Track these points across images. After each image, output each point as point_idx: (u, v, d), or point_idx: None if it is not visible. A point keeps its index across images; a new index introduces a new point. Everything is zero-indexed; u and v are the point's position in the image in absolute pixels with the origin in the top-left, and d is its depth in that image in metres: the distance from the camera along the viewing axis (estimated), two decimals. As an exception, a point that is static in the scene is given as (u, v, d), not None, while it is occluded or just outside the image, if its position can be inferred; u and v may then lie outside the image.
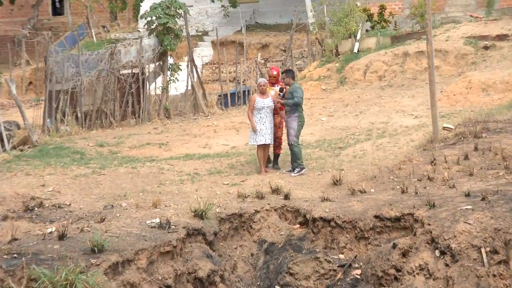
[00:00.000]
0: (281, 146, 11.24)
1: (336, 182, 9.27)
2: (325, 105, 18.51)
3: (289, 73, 11.01)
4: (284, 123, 10.90)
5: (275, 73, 11.07)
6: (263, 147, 10.69)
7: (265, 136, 10.55)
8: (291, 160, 10.75)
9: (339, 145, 12.70)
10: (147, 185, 9.74)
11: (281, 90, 10.82)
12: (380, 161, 10.52)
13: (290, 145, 10.60)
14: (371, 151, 11.62)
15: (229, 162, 11.79)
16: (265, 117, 10.58)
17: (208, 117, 19.00)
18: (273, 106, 10.67)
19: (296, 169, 10.50)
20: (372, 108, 16.74)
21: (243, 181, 9.98)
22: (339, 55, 23.35)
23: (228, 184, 9.78)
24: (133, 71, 18.33)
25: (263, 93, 10.64)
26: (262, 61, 26.89)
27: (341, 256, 7.71)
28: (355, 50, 22.62)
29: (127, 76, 18.01)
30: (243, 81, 22.02)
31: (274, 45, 28.29)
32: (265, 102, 10.61)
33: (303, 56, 26.55)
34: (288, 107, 10.55)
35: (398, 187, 8.50)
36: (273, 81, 11.00)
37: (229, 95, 21.00)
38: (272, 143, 10.86)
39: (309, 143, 13.47)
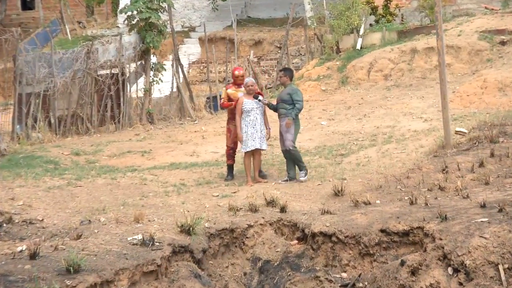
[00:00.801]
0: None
1: (337, 193, 9.29)
2: (325, 108, 18.56)
3: (287, 72, 11.05)
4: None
5: (238, 73, 11.15)
6: (251, 154, 10.72)
7: (256, 141, 10.60)
8: (287, 168, 10.77)
9: (340, 151, 12.73)
10: (128, 197, 9.72)
11: (255, 97, 10.79)
12: (386, 169, 10.55)
13: (287, 151, 10.61)
14: (376, 158, 11.65)
15: (219, 171, 11.80)
16: (254, 119, 10.64)
17: (196, 122, 19.00)
18: (264, 108, 10.76)
19: (302, 172, 10.58)
20: (377, 111, 16.79)
21: (234, 192, 9.99)
22: (340, 52, 23.44)
23: (218, 196, 9.78)
24: (112, 71, 18.32)
25: (250, 93, 10.71)
26: (255, 60, 26.95)
27: (344, 274, 7.71)
28: (358, 47, 22.71)
29: (105, 77, 18.01)
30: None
31: (268, 42, 28.38)
32: (254, 104, 10.66)
33: (301, 54, 26.63)
34: (284, 109, 10.58)
35: (406, 198, 8.52)
36: (239, 82, 11.06)
37: (218, 97, 21.07)
38: (265, 148, 10.94)
39: (307, 149, 13.49)
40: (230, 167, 11.25)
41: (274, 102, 11.17)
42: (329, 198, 9.31)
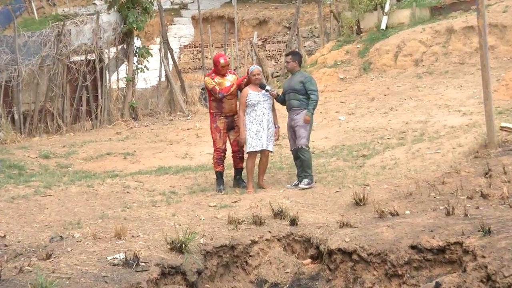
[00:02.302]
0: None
1: (359, 202, 9.28)
2: (343, 100, 18.56)
3: (295, 56, 11.06)
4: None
5: (223, 61, 10.95)
6: (256, 155, 10.72)
7: (262, 140, 10.59)
8: (297, 173, 10.79)
9: (362, 152, 12.73)
10: (108, 208, 9.74)
11: (262, 87, 10.75)
12: (417, 173, 10.54)
13: (299, 149, 10.62)
14: (405, 160, 11.65)
15: (214, 177, 11.81)
16: (261, 114, 10.63)
17: (189, 118, 19.03)
18: (272, 101, 10.75)
19: (306, 180, 10.55)
20: (406, 103, 16.79)
21: (235, 201, 9.99)
22: (361, 33, 23.46)
23: (215, 206, 9.79)
24: (88, 57, 18.37)
25: (256, 84, 10.70)
26: (260, 43, 26.98)
27: (367, 300, 7.71)
28: (383, 27, 22.73)
29: (79, 65, 18.06)
30: (234, 69, 22.10)
31: (275, 21, 28.42)
32: (260, 96, 10.65)
33: (314, 35, 26.66)
34: (297, 101, 10.60)
35: (441, 207, 8.51)
36: (224, 72, 10.99)
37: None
38: (271, 150, 10.91)
39: (322, 150, 13.49)
40: (220, 175, 11.16)
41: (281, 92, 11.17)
42: (348, 208, 9.30)
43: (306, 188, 10.46)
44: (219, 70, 10.98)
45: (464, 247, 7.27)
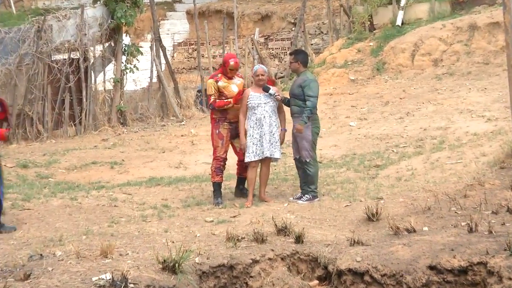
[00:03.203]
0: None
1: (371, 217, 9.28)
2: (354, 104, 18.58)
3: (299, 55, 11.01)
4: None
5: (233, 63, 10.91)
6: (257, 164, 10.71)
7: (264, 147, 10.57)
8: (301, 184, 10.79)
9: (375, 162, 12.73)
10: (93, 224, 9.74)
11: (266, 89, 10.71)
12: (436, 185, 10.54)
13: (302, 163, 10.61)
14: (423, 170, 11.65)
15: (211, 188, 11.82)
16: (262, 118, 10.63)
17: (183, 123, 19.05)
18: (277, 104, 10.73)
19: (306, 195, 10.56)
20: (424, 108, 16.80)
21: (234, 216, 9.99)
22: (374, 29, 23.50)
23: (212, 221, 9.79)
24: (72, 56, 18.40)
25: (260, 85, 10.69)
26: (262, 40, 27.01)
27: (381, 326, 7.70)
28: (399, 22, 22.76)
29: (62, 64, 18.09)
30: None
31: (279, 16, 28.49)
32: (262, 98, 10.66)
33: (322, 32, 26.72)
34: (297, 107, 10.58)
35: (463, 223, 8.51)
36: (232, 75, 11.00)
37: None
38: (278, 157, 10.90)
39: (331, 159, 13.48)
40: (218, 187, 11.15)
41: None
42: (360, 224, 9.30)
43: (305, 204, 10.46)
44: (227, 72, 10.95)
45: (488, 268, 7.27)
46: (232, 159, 11.47)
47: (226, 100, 10.86)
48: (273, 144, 10.68)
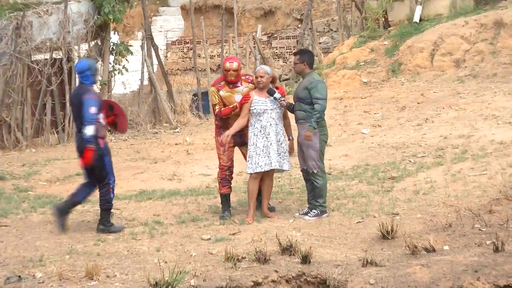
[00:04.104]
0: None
1: (386, 235, 9.27)
2: (367, 109, 18.57)
3: (305, 55, 10.99)
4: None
5: (229, 65, 10.92)
6: (260, 176, 10.68)
7: (271, 158, 10.53)
8: (308, 198, 10.79)
9: (391, 173, 12.72)
10: (78, 242, 9.73)
11: (271, 93, 10.63)
12: (458, 199, 10.54)
13: (310, 174, 10.60)
14: (444, 183, 11.64)
15: (211, 202, 11.81)
16: (268, 126, 10.60)
17: (177, 130, 19.06)
18: (283, 110, 10.70)
19: (314, 210, 10.54)
20: (445, 113, 16.79)
21: (234, 234, 9.98)
22: (389, 26, 23.51)
23: (209, 239, 9.78)
24: (54, 55, 18.40)
25: (263, 88, 10.67)
26: (265, 38, 27.06)
27: None
28: (416, 19, 22.76)
29: (43, 65, 18.10)
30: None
31: (284, 12, 28.53)
32: (268, 103, 10.65)
33: (331, 29, 26.77)
34: (302, 112, 10.55)
35: (488, 242, 8.49)
36: (232, 79, 10.96)
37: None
38: (288, 168, 10.88)
39: (342, 170, 13.47)
40: (226, 199, 11.17)
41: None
42: (373, 243, 9.29)
43: (312, 220, 10.45)
44: (226, 76, 10.95)
45: (516, 291, 7.26)
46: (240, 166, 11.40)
47: (231, 106, 10.82)
48: (282, 155, 10.64)
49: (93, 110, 9.96)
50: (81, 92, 10.25)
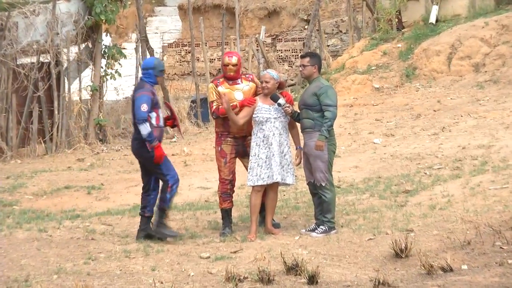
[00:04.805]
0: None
1: (400, 253, 9.27)
2: (379, 117, 18.59)
3: (315, 58, 10.98)
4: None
5: (228, 60, 10.98)
6: (262, 189, 10.68)
7: (273, 170, 10.53)
8: (315, 214, 10.81)
9: (404, 187, 12.72)
10: (67, 261, 9.74)
11: (275, 98, 10.60)
12: (477, 215, 10.53)
13: (317, 187, 10.60)
14: (462, 197, 11.64)
15: (210, 218, 11.84)
16: (271, 136, 10.60)
17: (174, 140, 19.07)
18: (288, 118, 10.69)
19: (322, 226, 10.55)
20: (463, 122, 16.80)
21: (235, 252, 9.98)
22: (403, 28, 23.54)
23: (208, 257, 9.78)
24: (41, 59, 18.43)
25: (267, 94, 10.67)
26: (269, 41, 27.10)
27: None
28: (432, 20, 22.78)
29: (30, 69, 18.13)
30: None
31: (289, 12, 28.58)
32: (272, 112, 10.66)
33: (341, 31, 26.81)
34: (310, 120, 10.54)
35: (510, 261, 8.50)
36: (232, 75, 11.01)
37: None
38: (291, 182, 10.87)
39: (351, 183, 13.48)
40: (227, 214, 11.18)
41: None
42: (386, 262, 9.29)
43: (320, 237, 10.46)
44: (225, 72, 11.02)
45: (540, 315, 7.26)
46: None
47: (231, 105, 10.77)
48: (285, 167, 10.64)
49: (144, 107, 10.20)
50: (136, 88, 10.65)
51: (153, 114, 10.34)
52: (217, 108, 10.89)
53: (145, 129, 10.17)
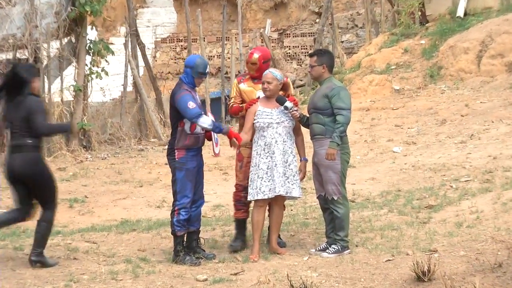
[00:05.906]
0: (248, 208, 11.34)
1: (422, 276, 9.28)
2: (399, 122, 18.61)
3: (324, 56, 10.97)
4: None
5: (254, 57, 11.05)
6: (266, 204, 10.70)
7: (276, 182, 10.51)
8: (326, 231, 10.82)
9: (427, 201, 12.73)
10: (45, 283, 9.76)
11: (280, 101, 10.60)
12: (510, 234, 10.54)
13: (328, 201, 10.61)
14: (493, 213, 11.65)
15: (208, 235, 11.86)
16: (274, 143, 10.60)
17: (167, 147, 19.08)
18: (293, 124, 10.69)
19: (334, 246, 10.55)
20: (495, 128, 16.81)
21: (236, 273, 10.00)
22: (427, 22, 23.57)
23: (206, 280, 9.79)
24: (18, 55, 18.48)
25: (270, 96, 10.67)
26: (275, 36, 27.14)
27: None
28: (460, 13, 22.81)
29: (5, 66, 18.16)
30: (235, 75, 22.26)
31: (298, 4, 28.64)
32: (274, 115, 10.67)
33: (356, 25, 26.87)
34: (320, 126, 10.52)
35: (546, 285, 8.52)
36: (252, 74, 11.10)
37: (208, 102, 21.19)
38: (298, 195, 10.85)
39: (367, 197, 13.50)
40: (240, 225, 11.24)
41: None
42: (406, 285, 9.30)
43: (332, 257, 10.46)
44: (249, 69, 11.18)
45: None
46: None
47: (241, 105, 10.98)
48: (290, 178, 10.58)
49: (191, 104, 10.24)
50: (174, 90, 10.59)
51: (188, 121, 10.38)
52: (231, 106, 11.11)
53: (204, 122, 10.27)
